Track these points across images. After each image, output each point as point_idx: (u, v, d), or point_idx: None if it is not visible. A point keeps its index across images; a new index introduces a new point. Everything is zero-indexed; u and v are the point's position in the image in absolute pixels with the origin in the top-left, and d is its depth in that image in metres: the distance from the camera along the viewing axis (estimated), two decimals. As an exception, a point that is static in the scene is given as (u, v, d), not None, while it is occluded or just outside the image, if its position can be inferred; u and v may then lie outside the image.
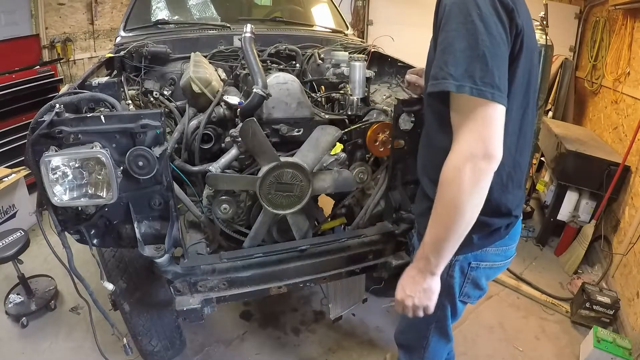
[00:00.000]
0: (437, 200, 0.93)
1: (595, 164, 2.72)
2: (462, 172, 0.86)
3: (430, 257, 0.98)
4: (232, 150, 1.51)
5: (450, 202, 0.90)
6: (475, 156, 0.85)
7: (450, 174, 0.88)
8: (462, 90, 0.83)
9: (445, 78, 0.84)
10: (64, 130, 1.06)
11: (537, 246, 3.14)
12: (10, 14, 3.54)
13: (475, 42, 0.83)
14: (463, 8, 0.84)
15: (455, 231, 0.92)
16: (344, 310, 1.94)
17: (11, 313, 2.18)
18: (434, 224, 0.95)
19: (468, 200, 0.88)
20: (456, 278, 1.15)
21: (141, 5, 2.56)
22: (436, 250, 0.96)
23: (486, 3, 0.85)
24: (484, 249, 1.11)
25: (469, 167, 0.85)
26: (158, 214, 1.28)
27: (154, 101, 1.75)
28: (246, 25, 1.63)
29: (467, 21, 0.84)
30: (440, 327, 1.28)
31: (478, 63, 0.83)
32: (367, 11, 5.08)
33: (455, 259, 1.12)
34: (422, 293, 1.03)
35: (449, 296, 1.18)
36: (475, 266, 1.14)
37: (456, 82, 0.83)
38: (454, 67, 0.84)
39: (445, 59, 0.85)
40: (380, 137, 1.60)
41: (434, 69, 0.88)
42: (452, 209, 0.90)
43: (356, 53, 2.12)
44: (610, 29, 3.56)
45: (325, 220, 1.80)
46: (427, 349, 1.34)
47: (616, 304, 2.29)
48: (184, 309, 1.39)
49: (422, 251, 1.00)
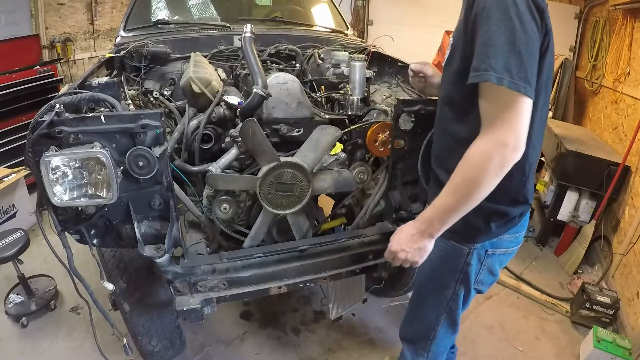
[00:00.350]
0: (459, 176, 0.99)
1: (595, 164, 2.72)
2: (492, 158, 0.93)
3: (435, 222, 1.06)
4: (232, 150, 1.51)
5: (472, 181, 0.97)
6: (506, 145, 0.92)
7: (478, 157, 0.95)
8: (502, 82, 0.88)
9: (486, 70, 0.89)
10: (64, 130, 1.06)
11: (537, 246, 3.14)
12: (10, 14, 3.54)
13: (513, 38, 0.89)
14: (502, 5, 0.90)
15: (467, 206, 1.01)
16: (344, 310, 1.94)
17: (11, 313, 2.18)
18: (449, 195, 1.01)
19: (488, 184, 0.97)
20: (473, 265, 1.21)
21: (141, 5, 2.56)
22: (443, 218, 1.04)
23: (522, 2, 0.90)
24: (500, 237, 1.18)
25: (498, 155, 0.92)
26: (158, 214, 1.28)
27: (154, 101, 1.75)
28: (246, 25, 1.63)
29: (505, 18, 0.89)
30: (450, 317, 1.32)
31: (514, 58, 0.88)
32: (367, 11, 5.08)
33: (473, 247, 1.18)
34: (416, 251, 1.11)
35: (464, 283, 1.24)
36: (492, 253, 1.20)
37: (496, 74, 0.88)
38: (495, 60, 0.89)
39: (487, 52, 0.90)
40: (380, 137, 1.60)
41: (476, 61, 0.92)
42: (473, 188, 0.97)
43: (356, 53, 2.12)
44: (610, 29, 3.56)
45: (325, 220, 1.80)
46: (433, 340, 1.38)
47: (616, 304, 2.29)
48: (184, 309, 1.39)
49: (429, 215, 1.07)
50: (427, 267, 1.31)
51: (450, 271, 1.24)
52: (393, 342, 2.15)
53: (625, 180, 2.70)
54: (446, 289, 1.27)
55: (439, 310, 1.31)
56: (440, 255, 1.24)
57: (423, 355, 1.44)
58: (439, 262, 1.26)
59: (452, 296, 1.27)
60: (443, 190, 1.03)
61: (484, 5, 0.92)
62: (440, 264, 1.26)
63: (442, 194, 1.03)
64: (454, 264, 1.22)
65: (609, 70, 3.39)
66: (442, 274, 1.27)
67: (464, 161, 0.98)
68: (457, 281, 1.24)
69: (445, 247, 1.23)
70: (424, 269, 1.34)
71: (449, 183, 1.02)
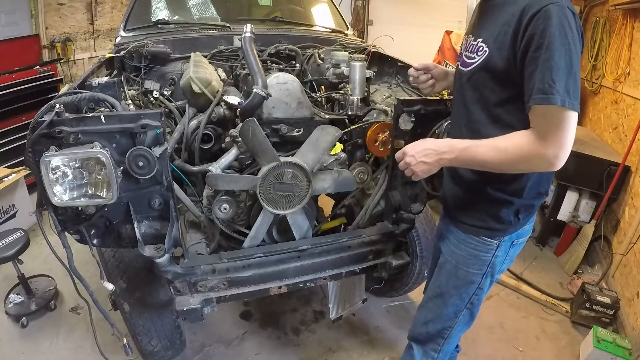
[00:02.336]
0: (506, 147, 1.04)
1: (595, 164, 2.72)
2: (539, 164, 1.03)
3: (457, 155, 1.10)
4: (232, 150, 1.51)
5: (510, 163, 1.05)
6: (556, 159, 1.00)
7: (529, 155, 1.02)
8: (564, 104, 0.95)
9: (552, 94, 0.96)
10: (64, 130, 1.06)
11: (537, 246, 3.14)
12: (10, 14, 3.54)
13: (571, 61, 0.97)
14: (562, 31, 0.96)
15: (489, 168, 1.08)
16: (344, 310, 1.94)
17: (11, 313, 2.18)
18: (486, 150, 1.06)
19: (519, 171, 1.11)
20: (500, 257, 1.25)
21: (141, 5, 2.56)
22: (466, 159, 1.10)
23: (574, 27, 0.99)
24: (523, 227, 1.24)
25: (545, 164, 1.01)
26: (158, 214, 1.28)
27: (154, 101, 1.75)
28: (246, 25, 1.63)
29: (565, 42, 0.96)
30: (471, 310, 1.36)
31: (572, 80, 0.97)
32: (367, 11, 5.08)
33: (502, 240, 1.23)
34: (422, 164, 1.14)
35: (490, 276, 1.29)
36: (516, 243, 1.26)
37: (561, 97, 0.95)
38: (559, 84, 0.96)
39: (553, 77, 0.96)
40: (380, 137, 1.60)
41: (541, 83, 0.98)
42: (506, 166, 1.06)
43: (356, 53, 2.12)
44: (610, 29, 3.56)
45: (325, 220, 1.80)
46: (447, 339, 1.41)
47: (616, 304, 2.29)
48: (184, 309, 1.39)
49: (456, 146, 1.10)
50: (451, 265, 1.33)
51: (478, 265, 1.27)
52: (393, 342, 2.15)
53: (625, 180, 2.69)
54: (471, 284, 1.30)
55: (460, 307, 1.34)
56: (467, 252, 1.27)
57: (433, 357, 1.45)
58: (464, 258, 1.28)
59: (477, 291, 1.31)
60: (485, 142, 1.07)
61: (544, 29, 0.97)
62: (466, 260, 1.28)
63: (480, 144, 1.07)
64: (483, 258, 1.25)
65: (609, 70, 3.39)
66: (468, 270, 1.29)
67: (518, 145, 1.03)
68: (484, 275, 1.28)
69: (474, 244, 1.25)
70: (447, 269, 1.35)
71: (496, 141, 1.06)
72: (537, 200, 1.23)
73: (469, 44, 1.20)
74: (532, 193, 1.18)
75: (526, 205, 1.20)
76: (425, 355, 1.46)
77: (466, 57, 1.19)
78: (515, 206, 1.18)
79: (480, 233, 1.24)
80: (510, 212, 1.19)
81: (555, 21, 0.96)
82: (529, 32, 1.00)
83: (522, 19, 1.01)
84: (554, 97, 0.96)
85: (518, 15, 1.02)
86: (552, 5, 0.97)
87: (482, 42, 1.13)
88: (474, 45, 1.16)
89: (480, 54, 1.13)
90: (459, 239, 1.29)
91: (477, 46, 1.14)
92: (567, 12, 0.98)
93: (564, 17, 0.97)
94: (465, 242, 1.27)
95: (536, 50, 0.99)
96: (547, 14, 0.97)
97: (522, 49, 1.02)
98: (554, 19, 0.96)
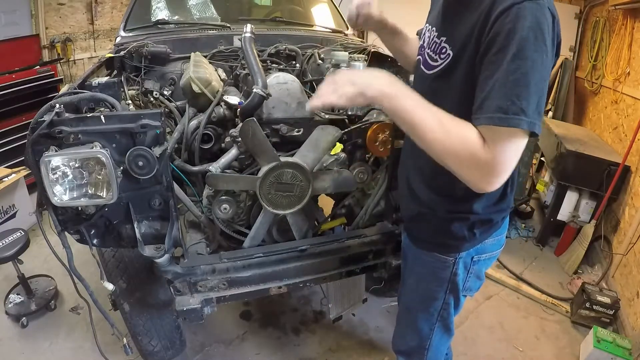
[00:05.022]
0: (449, 125, 0.84)
1: (595, 164, 2.72)
2: (466, 163, 0.84)
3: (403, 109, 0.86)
4: (232, 150, 1.51)
5: (444, 141, 0.84)
6: (488, 182, 0.84)
7: (466, 151, 0.83)
8: (533, 128, 0.78)
9: (517, 114, 0.77)
10: (64, 130, 1.06)
11: (537, 246, 3.14)
12: (10, 14, 3.54)
13: (546, 75, 0.80)
14: (538, 35, 0.78)
15: (418, 136, 0.87)
16: (344, 310, 1.94)
17: (11, 313, 2.18)
18: (428, 115, 0.85)
19: (442, 158, 0.87)
20: (460, 274, 1.17)
21: (141, 5, 2.56)
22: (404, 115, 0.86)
23: (551, 33, 0.80)
24: (484, 242, 1.14)
25: (472, 172, 0.84)
26: (158, 214, 1.28)
27: (154, 101, 1.75)
28: (246, 25, 1.63)
29: (540, 49, 0.78)
30: (444, 324, 1.30)
31: (542, 99, 0.80)
32: (367, 11, 5.07)
33: (459, 256, 1.14)
34: (347, 87, 0.88)
35: (453, 292, 1.21)
36: (477, 259, 1.17)
37: (527, 118, 0.78)
38: (527, 102, 0.78)
39: (518, 92, 0.78)
40: (380, 137, 1.60)
41: (502, 99, 0.78)
42: (437, 142, 0.85)
43: (356, 53, 2.12)
44: (610, 29, 3.56)
45: (325, 220, 1.80)
46: (430, 349, 1.34)
47: (616, 304, 2.29)
48: (184, 309, 1.39)
49: (406, 100, 0.86)
50: (413, 281, 1.29)
51: (438, 283, 1.20)
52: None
53: (625, 180, 2.70)
54: (435, 300, 1.23)
55: (431, 320, 1.27)
56: (426, 269, 1.21)
57: None
58: (424, 275, 1.23)
59: (443, 305, 1.23)
60: (433, 108, 0.86)
61: (513, 29, 0.78)
62: (426, 277, 1.23)
63: (426, 106, 0.86)
64: (440, 275, 1.18)
65: (609, 70, 3.39)
66: (429, 287, 1.23)
67: (462, 135, 0.83)
68: (446, 291, 1.20)
69: (430, 261, 1.18)
70: (409, 284, 1.32)
71: (444, 116, 0.85)
72: (497, 215, 1.10)
73: (431, 41, 1.02)
74: (489, 208, 1.03)
75: (483, 219, 1.06)
76: None
77: (429, 58, 1.02)
78: (469, 220, 1.06)
79: (433, 249, 1.16)
80: (464, 227, 1.07)
81: (530, 22, 0.77)
82: (494, 30, 0.80)
83: (489, 17, 0.82)
84: (519, 119, 0.77)
85: (485, 11, 0.83)
86: (529, 2, 0.78)
87: (445, 42, 0.96)
88: (437, 45, 0.99)
89: (443, 58, 0.96)
90: (415, 255, 1.24)
91: (440, 46, 0.97)
92: (547, 14, 0.79)
93: (542, 19, 0.78)
94: (421, 259, 1.21)
95: (497, 52, 0.80)
96: (519, 12, 0.78)
97: (482, 52, 0.83)
98: (527, 19, 0.77)
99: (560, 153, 2.89)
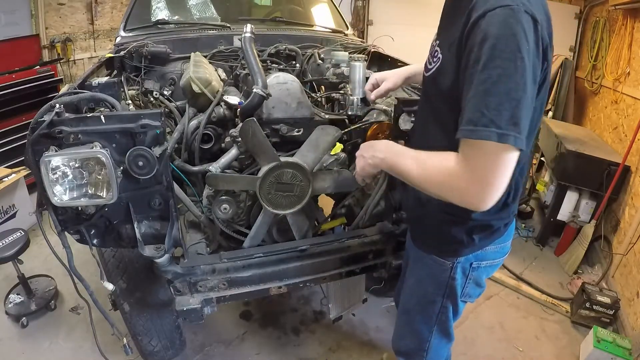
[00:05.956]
0: (424, 161, 0.92)
1: (595, 164, 2.72)
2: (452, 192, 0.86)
3: (392, 165, 1.01)
4: (232, 150, 1.51)
5: (426, 178, 0.91)
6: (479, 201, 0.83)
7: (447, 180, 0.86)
8: (506, 140, 0.75)
9: (486, 125, 0.75)
10: (64, 130, 1.06)
11: (537, 246, 3.14)
12: (10, 14, 3.53)
13: (522, 83, 0.75)
14: (511, 44, 0.75)
15: (410, 180, 0.96)
16: (344, 310, 1.94)
17: (11, 313, 2.18)
18: (409, 161, 0.95)
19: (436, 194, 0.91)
20: (458, 280, 1.16)
21: (141, 5, 2.56)
22: (390, 164, 1.02)
23: (531, 38, 0.76)
24: (484, 248, 1.13)
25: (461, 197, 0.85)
26: (158, 214, 1.28)
27: (154, 101, 1.75)
28: (246, 25, 1.63)
29: (514, 57, 0.75)
30: (442, 329, 1.29)
31: (521, 108, 0.76)
32: (367, 11, 5.08)
33: (457, 261, 1.13)
34: (370, 166, 1.10)
35: (451, 297, 1.20)
36: (477, 266, 1.16)
37: (499, 130, 0.75)
38: (497, 112, 0.75)
39: (487, 102, 0.76)
40: (380, 137, 1.60)
41: (472, 111, 0.78)
42: (422, 181, 0.92)
43: (356, 53, 2.12)
44: (610, 29, 3.56)
45: (325, 220, 1.80)
46: (429, 351, 1.34)
47: (616, 304, 2.29)
48: (184, 309, 1.39)
49: (395, 157, 1.00)
50: (412, 282, 1.29)
51: (436, 286, 1.19)
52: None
53: (625, 180, 2.69)
54: (433, 303, 1.23)
55: (430, 323, 1.27)
56: (424, 271, 1.21)
57: None
58: (423, 277, 1.23)
59: (441, 309, 1.22)
60: (412, 155, 0.95)
61: (484, 39, 0.76)
62: (425, 280, 1.22)
63: (408, 160, 0.95)
64: (439, 279, 1.17)
65: (609, 70, 3.39)
66: (427, 290, 1.23)
67: (439, 166, 0.87)
68: (444, 296, 1.19)
69: (430, 263, 1.18)
70: (408, 282, 1.32)
71: (420, 154, 0.93)
72: (498, 221, 1.07)
73: (432, 44, 1.04)
74: (489, 214, 0.96)
75: (482, 225, 1.04)
76: None
77: (428, 61, 1.03)
78: (467, 225, 1.04)
79: (432, 252, 1.16)
80: (462, 231, 1.06)
81: (501, 30, 0.75)
82: (469, 43, 0.80)
83: (467, 24, 0.81)
84: (488, 131, 0.75)
85: (465, 17, 0.82)
86: (501, 8, 0.75)
87: (438, 45, 0.96)
88: (433, 47, 1.00)
89: (435, 61, 0.96)
90: (416, 256, 1.24)
91: (434, 49, 0.98)
92: (523, 18, 0.75)
93: (515, 25, 0.75)
94: (421, 260, 1.20)
95: (473, 64, 0.78)
96: (490, 20, 0.76)
97: (463, 67, 0.82)
98: (497, 26, 0.75)
99: (560, 153, 2.89)
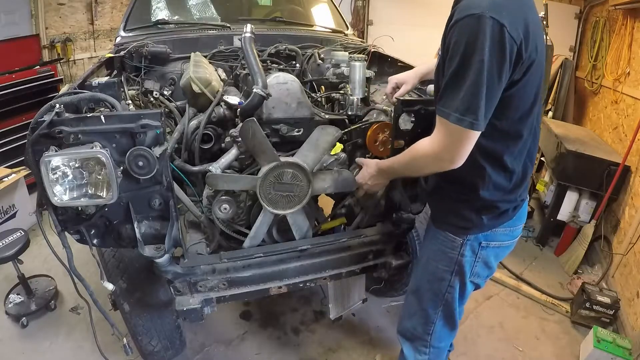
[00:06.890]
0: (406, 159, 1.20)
1: (595, 164, 2.72)
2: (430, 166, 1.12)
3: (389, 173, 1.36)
4: (232, 150, 1.51)
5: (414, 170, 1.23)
6: (443, 161, 1.06)
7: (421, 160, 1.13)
8: (462, 124, 0.97)
9: (452, 109, 0.98)
10: (64, 130, 1.06)
11: (537, 246, 3.14)
12: (10, 14, 3.54)
13: (483, 78, 0.92)
14: (474, 45, 0.92)
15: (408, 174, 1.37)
16: (344, 310, 1.94)
17: (11, 313, 2.18)
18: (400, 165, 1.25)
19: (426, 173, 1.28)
20: (467, 257, 1.24)
21: (141, 5, 2.56)
22: (394, 174, 1.36)
23: (489, 41, 0.91)
24: (494, 230, 1.21)
25: (435, 166, 1.11)
26: (158, 214, 1.28)
27: (154, 101, 1.75)
28: (246, 25, 1.63)
29: (477, 57, 0.92)
30: (447, 310, 1.34)
31: (480, 99, 0.94)
32: (367, 11, 5.08)
33: (467, 239, 1.22)
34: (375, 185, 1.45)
35: (459, 275, 1.27)
36: (485, 245, 1.23)
37: (459, 114, 0.97)
38: (451, 99, 0.98)
39: (454, 91, 0.97)
40: (380, 137, 1.60)
41: (443, 98, 1.00)
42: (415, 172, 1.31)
43: (356, 53, 2.12)
44: (610, 29, 3.56)
45: (325, 220, 1.80)
46: (433, 335, 1.40)
47: (616, 304, 2.29)
48: (184, 309, 1.39)
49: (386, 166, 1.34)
50: (424, 259, 1.36)
51: (445, 262, 1.27)
52: (393, 342, 2.14)
53: (625, 180, 2.69)
54: (442, 280, 1.30)
55: (436, 302, 1.34)
56: (436, 246, 1.28)
57: (425, 352, 1.44)
58: (434, 253, 1.29)
59: (448, 288, 1.30)
60: (398, 158, 1.25)
61: (456, 41, 0.95)
62: (435, 255, 1.29)
63: (396, 160, 1.26)
64: (449, 255, 1.25)
65: (609, 70, 3.39)
66: (437, 265, 1.30)
67: (412, 152, 1.16)
68: (453, 273, 1.27)
69: (440, 238, 1.26)
70: (421, 261, 1.38)
71: (401, 156, 1.22)
72: (505, 204, 1.18)
73: None
74: (495, 194, 1.15)
75: (488, 205, 1.16)
76: (417, 352, 1.46)
77: None
78: (475, 204, 1.17)
79: (445, 228, 1.25)
80: (470, 210, 1.18)
81: (466, 36, 0.92)
82: (446, 44, 1.00)
83: (448, 30, 1.00)
84: (452, 114, 0.97)
85: (449, 24, 1.00)
86: (469, 17, 0.92)
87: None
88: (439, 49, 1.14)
89: (438, 55, 1.11)
90: (431, 233, 1.32)
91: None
92: (487, 24, 0.90)
93: (478, 30, 0.90)
94: (435, 237, 1.29)
95: (447, 61, 0.99)
96: (460, 27, 0.94)
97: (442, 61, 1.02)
98: (464, 32, 0.93)
99: (560, 153, 2.89)
